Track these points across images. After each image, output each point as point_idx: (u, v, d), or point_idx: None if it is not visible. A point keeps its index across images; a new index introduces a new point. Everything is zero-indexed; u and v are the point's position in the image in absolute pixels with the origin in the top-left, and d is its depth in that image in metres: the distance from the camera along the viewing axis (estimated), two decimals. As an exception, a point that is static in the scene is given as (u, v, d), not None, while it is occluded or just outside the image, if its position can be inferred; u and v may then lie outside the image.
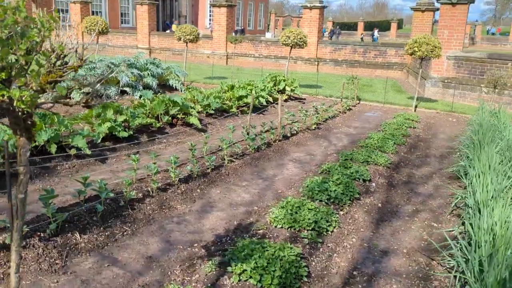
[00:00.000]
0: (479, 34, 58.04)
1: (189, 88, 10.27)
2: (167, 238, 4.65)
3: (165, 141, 8.26)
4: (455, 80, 15.38)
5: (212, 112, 9.96)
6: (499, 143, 7.02)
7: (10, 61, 1.61)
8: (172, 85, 13.05)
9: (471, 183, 5.63)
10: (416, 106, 13.37)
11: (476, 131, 8.73)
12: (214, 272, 3.90)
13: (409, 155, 8.57)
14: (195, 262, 4.15)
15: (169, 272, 3.98)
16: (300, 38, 14.69)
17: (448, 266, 4.30)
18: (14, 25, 1.59)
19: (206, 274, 3.89)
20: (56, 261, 4.01)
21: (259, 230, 4.78)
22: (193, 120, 8.80)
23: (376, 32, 40.89)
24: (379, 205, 5.88)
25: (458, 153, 8.77)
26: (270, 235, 4.64)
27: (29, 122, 1.84)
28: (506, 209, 4.21)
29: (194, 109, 9.33)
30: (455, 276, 4.07)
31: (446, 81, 15.62)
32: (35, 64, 1.71)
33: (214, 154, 7.20)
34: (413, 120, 11.45)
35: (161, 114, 8.71)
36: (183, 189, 5.88)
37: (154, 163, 5.81)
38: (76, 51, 2.02)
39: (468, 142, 8.32)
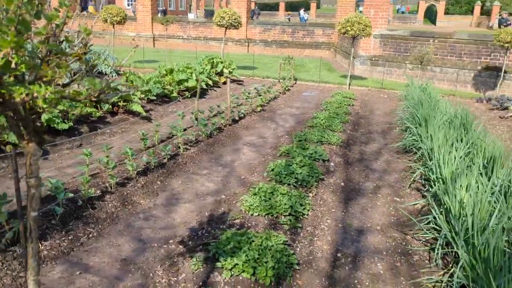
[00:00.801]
0: (391, 13, 61.12)
1: (126, 74, 9.66)
2: (138, 236, 4.34)
3: (108, 131, 7.71)
4: (382, 57, 16.04)
5: (154, 98, 9.48)
6: (441, 117, 7.40)
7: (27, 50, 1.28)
8: (102, 70, 12.24)
9: (429, 158, 5.88)
10: (349, 84, 13.77)
11: (414, 106, 9.16)
12: (201, 269, 3.69)
13: (355, 132, 8.80)
14: (176, 260, 3.90)
15: (151, 274, 3.70)
16: (235, 19, 14.42)
17: (423, 239, 4.45)
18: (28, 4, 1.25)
19: (193, 272, 3.67)
20: (20, 274, 3.57)
21: (236, 219, 4.62)
22: (136, 107, 8.31)
23: (302, 11, 41.31)
24: (342, 184, 5.95)
25: (398, 129, 9.17)
26: (249, 224, 4.50)
27: (39, 124, 1.52)
28: (470, 180, 4.42)
29: (135, 95, 8.81)
30: (432, 249, 4.23)
31: (373, 59, 16.25)
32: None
33: (166, 143, 6.85)
34: (350, 98, 11.77)
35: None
36: (142, 182, 5.52)
37: (107, 157, 5.37)
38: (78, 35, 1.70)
39: (409, 117, 8.70)
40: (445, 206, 4.35)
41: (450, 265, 3.85)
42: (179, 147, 6.68)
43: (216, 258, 3.77)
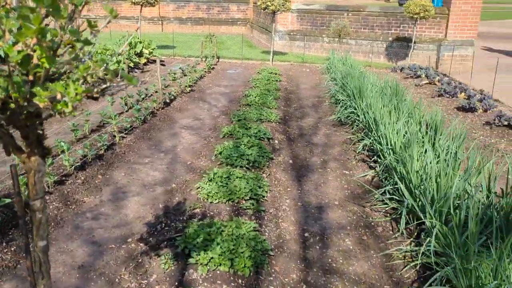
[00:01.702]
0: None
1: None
2: (90, 239, 3.93)
3: (28, 123, 6.92)
4: (300, 32, 16.24)
5: (73, 83, 8.67)
6: (372, 88, 7.64)
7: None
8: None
9: (369, 129, 6.02)
10: (272, 60, 13.77)
11: (342, 78, 9.38)
12: (173, 268, 3.43)
13: (288, 108, 8.82)
14: (141, 260, 3.60)
15: (117, 279, 3.38)
16: (150, -5, 13.62)
17: (381, 210, 4.56)
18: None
19: (164, 272, 3.40)
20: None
21: (195, 209, 4.37)
22: (56, 95, 7.53)
23: None
24: (291, 161, 5.92)
25: (328, 101, 9.36)
26: (211, 213, 4.29)
27: (41, 132, 1.19)
28: (421, 149, 4.59)
29: (52, 82, 7.99)
30: (393, 219, 4.35)
31: (292, 33, 16.40)
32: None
33: (99, 133, 6.30)
34: (276, 74, 11.77)
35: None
36: (82, 178, 5.03)
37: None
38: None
39: (339, 90, 8.89)
40: (399, 176, 4.48)
41: (415, 234, 3.98)
42: (115, 136, 6.18)
43: (186, 253, 3.53)
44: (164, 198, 4.73)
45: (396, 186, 4.46)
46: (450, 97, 9.84)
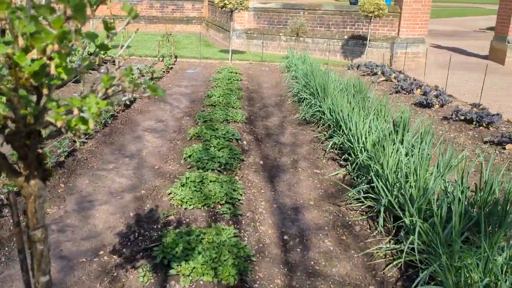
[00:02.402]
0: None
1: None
2: (58, 253, 3.68)
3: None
4: (257, 30, 16.19)
5: (24, 86, 8.17)
6: (336, 87, 7.69)
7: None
8: None
9: (339, 127, 6.04)
10: (231, 59, 13.65)
11: (305, 77, 9.40)
12: (153, 281, 3.25)
13: (252, 107, 8.74)
14: (116, 274, 3.39)
15: (92, 296, 3.16)
16: (102, -7, 13.07)
17: (357, 209, 4.57)
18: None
19: (143, 286, 3.22)
20: None
21: (169, 216, 4.19)
22: (6, 99, 7.06)
23: None
24: (261, 162, 5.84)
25: (290, 100, 9.35)
26: (187, 220, 4.12)
27: (40, 151, 1.02)
28: (394, 147, 4.64)
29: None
30: (370, 217, 4.36)
31: (249, 32, 16.33)
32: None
33: (58, 139, 5.94)
34: (236, 73, 11.65)
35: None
36: (43, 188, 4.70)
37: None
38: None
39: (302, 88, 8.90)
40: (375, 174, 4.50)
41: (394, 232, 4.00)
42: (75, 141, 5.85)
43: (166, 264, 3.36)
44: (134, 205, 4.51)
45: (371, 184, 4.47)
46: (407, 93, 10.10)
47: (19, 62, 0.77)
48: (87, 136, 6.21)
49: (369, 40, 14.17)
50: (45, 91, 0.83)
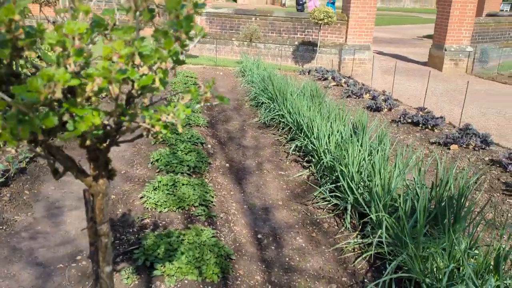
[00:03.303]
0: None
1: None
2: (33, 260, 3.63)
3: None
4: (209, 35, 16.28)
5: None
6: (294, 91, 7.98)
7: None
8: None
9: (300, 130, 6.30)
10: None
11: (262, 81, 9.64)
12: (137, 282, 3.30)
13: (211, 111, 8.85)
14: (98, 277, 3.41)
15: (76, 301, 3.17)
16: None
17: (323, 207, 4.82)
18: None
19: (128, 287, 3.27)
20: None
21: (144, 219, 4.23)
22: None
23: None
24: (227, 165, 5.98)
25: (248, 104, 9.56)
26: (163, 222, 4.18)
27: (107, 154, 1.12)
28: (355, 148, 4.95)
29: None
30: (336, 215, 4.63)
31: (202, 37, 16.37)
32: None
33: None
34: (192, 77, 11.70)
35: None
36: (8, 195, 4.58)
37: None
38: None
39: (259, 92, 9.13)
40: (340, 174, 4.78)
41: (360, 228, 4.28)
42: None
43: (148, 266, 3.42)
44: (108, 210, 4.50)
45: (337, 184, 4.74)
46: (357, 97, 10.61)
47: (130, 76, 0.88)
48: (47, 142, 6.06)
49: (319, 47, 14.70)
50: (145, 101, 0.94)
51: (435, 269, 3.09)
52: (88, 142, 0.99)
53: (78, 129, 0.88)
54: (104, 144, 1.07)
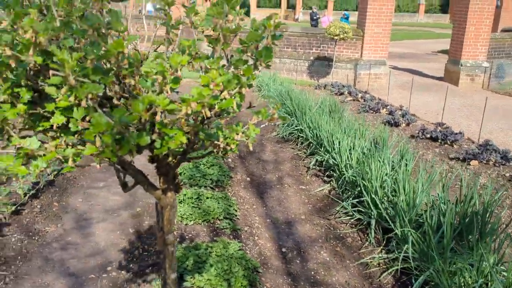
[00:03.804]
0: (208, 5, 62.80)
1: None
2: (65, 270, 3.72)
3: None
4: (225, 50, 16.51)
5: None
6: (313, 106, 8.06)
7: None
8: None
9: (320, 145, 6.36)
10: (202, 77, 13.84)
11: (279, 96, 9.74)
12: (168, 293, 3.37)
13: (229, 126, 8.96)
14: (129, 288, 3.49)
15: (109, 311, 3.24)
16: None
17: (347, 222, 4.86)
18: None
19: (159, 298, 3.34)
20: None
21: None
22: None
23: (149, 4, 39.41)
24: (248, 179, 6.05)
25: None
26: (190, 235, 4.26)
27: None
28: (377, 164, 4.99)
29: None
30: (360, 229, 4.66)
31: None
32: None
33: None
34: (209, 92, 11.85)
35: None
36: (38, 207, 4.71)
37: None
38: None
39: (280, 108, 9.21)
40: (364, 189, 4.82)
41: (384, 242, 4.31)
42: (63, 162, 5.84)
43: (178, 277, 3.48)
44: (133, 222, 4.60)
45: (359, 198, 4.78)
46: (374, 112, 10.65)
47: (212, 102, 0.96)
48: (73, 154, 6.21)
49: (334, 62, 14.81)
50: (222, 121, 1.03)
51: (463, 284, 3.11)
52: (170, 159, 1.07)
53: (165, 147, 0.96)
54: (174, 160, 1.15)
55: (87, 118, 0.98)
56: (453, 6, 48.28)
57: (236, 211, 4.79)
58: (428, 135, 8.31)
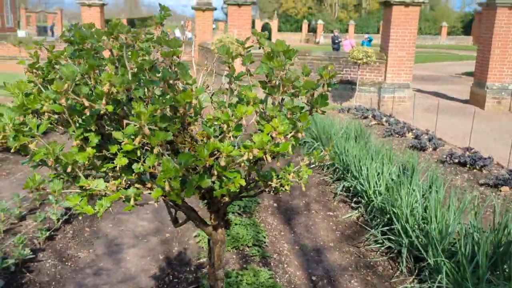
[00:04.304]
0: (230, 30, 64.13)
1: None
2: (98, 297, 3.77)
3: (-10, 174, 6.51)
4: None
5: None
6: (338, 131, 8.06)
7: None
8: None
9: (346, 170, 6.33)
10: (226, 102, 14.03)
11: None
12: (199, 322, 3.38)
13: (254, 150, 9.02)
14: (160, 316, 3.51)
15: (141, 338, 3.26)
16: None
17: (377, 250, 4.79)
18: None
19: (190, 327, 3.34)
20: None
21: (200, 258, 4.34)
22: (18, 142, 7.17)
23: (188, 32, 40.78)
24: (275, 205, 6.05)
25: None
26: (219, 262, 4.26)
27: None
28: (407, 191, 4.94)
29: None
30: (391, 257, 4.59)
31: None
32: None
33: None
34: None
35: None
36: (71, 232, 4.81)
37: (19, 207, 4.56)
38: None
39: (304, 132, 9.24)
40: (388, 216, 4.76)
41: (416, 272, 4.23)
42: (93, 185, 5.97)
43: (209, 306, 3.49)
44: (162, 248, 4.64)
45: (389, 226, 4.72)
46: (400, 136, 10.57)
47: (273, 149, 1.01)
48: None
49: (358, 85, 14.83)
50: (278, 164, 1.06)
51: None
52: (226, 199, 1.12)
53: (224, 189, 1.01)
54: (226, 198, 1.19)
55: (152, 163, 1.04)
56: (476, 28, 48.00)
57: (264, 237, 4.79)
58: (456, 160, 8.18)
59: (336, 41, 28.70)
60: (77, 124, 1.16)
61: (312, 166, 1.41)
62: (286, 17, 67.48)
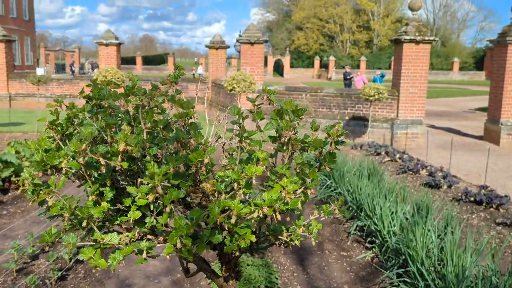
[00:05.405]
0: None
1: (9, 142, 8.44)
2: None
3: (6, 212, 6.58)
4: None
5: (47, 167, 8.41)
6: (351, 169, 8.03)
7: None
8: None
9: (359, 209, 6.27)
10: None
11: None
12: None
13: (267, 188, 9.00)
14: None
15: None
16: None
17: (392, 292, 4.68)
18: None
19: None
20: None
21: (212, 301, 4.27)
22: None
23: (200, 68, 42.53)
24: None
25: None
26: (231, 305, 4.20)
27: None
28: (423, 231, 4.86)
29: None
30: (407, 301, 4.47)
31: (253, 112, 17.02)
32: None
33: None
34: (246, 153, 12.04)
35: (-12, 178, 6.92)
36: (82, 272, 4.79)
37: (33, 246, 4.58)
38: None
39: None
40: (403, 257, 4.67)
41: (433, 316, 4.10)
42: (106, 224, 5.99)
43: None
44: (173, 290, 4.59)
45: (404, 268, 4.63)
46: (413, 173, 10.47)
47: (283, 208, 1.03)
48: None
49: (370, 121, 14.85)
50: (288, 219, 1.08)
51: None
52: (237, 253, 1.13)
53: (235, 244, 1.02)
54: (237, 253, 1.20)
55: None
56: (489, 63, 48.16)
57: (277, 279, 4.72)
58: (472, 198, 8.05)
59: (348, 77, 28.99)
60: (93, 179, 1.20)
61: (321, 218, 1.41)
62: (298, 54, 68.58)
